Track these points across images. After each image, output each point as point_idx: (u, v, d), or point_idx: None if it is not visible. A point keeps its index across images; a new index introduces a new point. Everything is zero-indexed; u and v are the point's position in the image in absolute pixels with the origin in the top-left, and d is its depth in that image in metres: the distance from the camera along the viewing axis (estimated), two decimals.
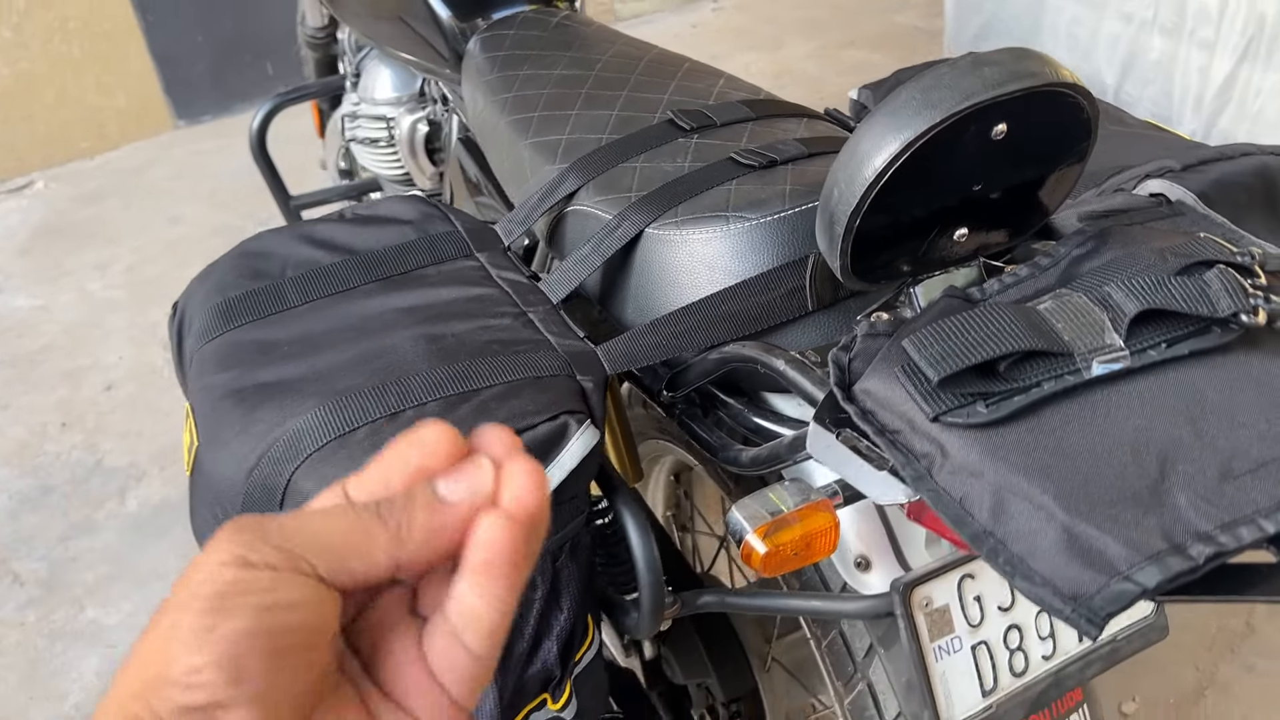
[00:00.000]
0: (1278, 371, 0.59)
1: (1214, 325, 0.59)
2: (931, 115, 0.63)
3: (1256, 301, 0.59)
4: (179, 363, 0.96)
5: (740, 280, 0.83)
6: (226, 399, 0.80)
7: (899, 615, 0.73)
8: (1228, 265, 0.62)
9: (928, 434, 0.59)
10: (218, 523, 0.78)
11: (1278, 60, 1.80)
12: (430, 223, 0.97)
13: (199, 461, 0.80)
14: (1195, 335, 0.59)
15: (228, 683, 0.29)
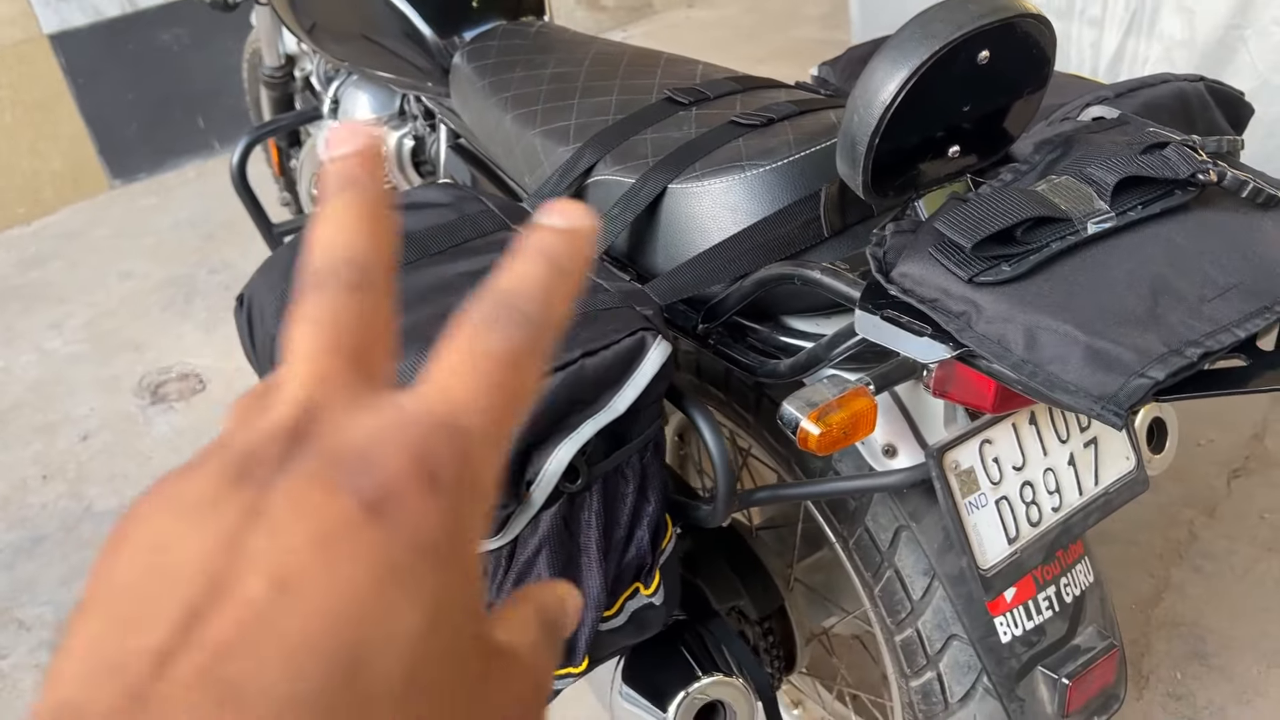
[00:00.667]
0: (1227, 220, 0.74)
1: (1176, 188, 0.74)
2: (932, 44, 0.77)
3: (1207, 165, 0.74)
4: (252, 345, 1.05)
5: (762, 217, 0.96)
6: None
7: (935, 477, 0.86)
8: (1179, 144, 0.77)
9: (962, 296, 0.72)
10: None
11: (1159, 31, 2.01)
12: (465, 203, 1.08)
13: None
14: (1163, 197, 0.74)
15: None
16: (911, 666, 1.07)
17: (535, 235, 0.27)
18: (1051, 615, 0.97)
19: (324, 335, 0.25)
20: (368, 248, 0.26)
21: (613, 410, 0.81)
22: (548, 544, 0.83)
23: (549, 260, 0.27)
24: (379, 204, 0.27)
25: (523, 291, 0.26)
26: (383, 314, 0.26)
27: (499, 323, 0.25)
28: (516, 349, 0.25)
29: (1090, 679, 0.96)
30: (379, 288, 0.26)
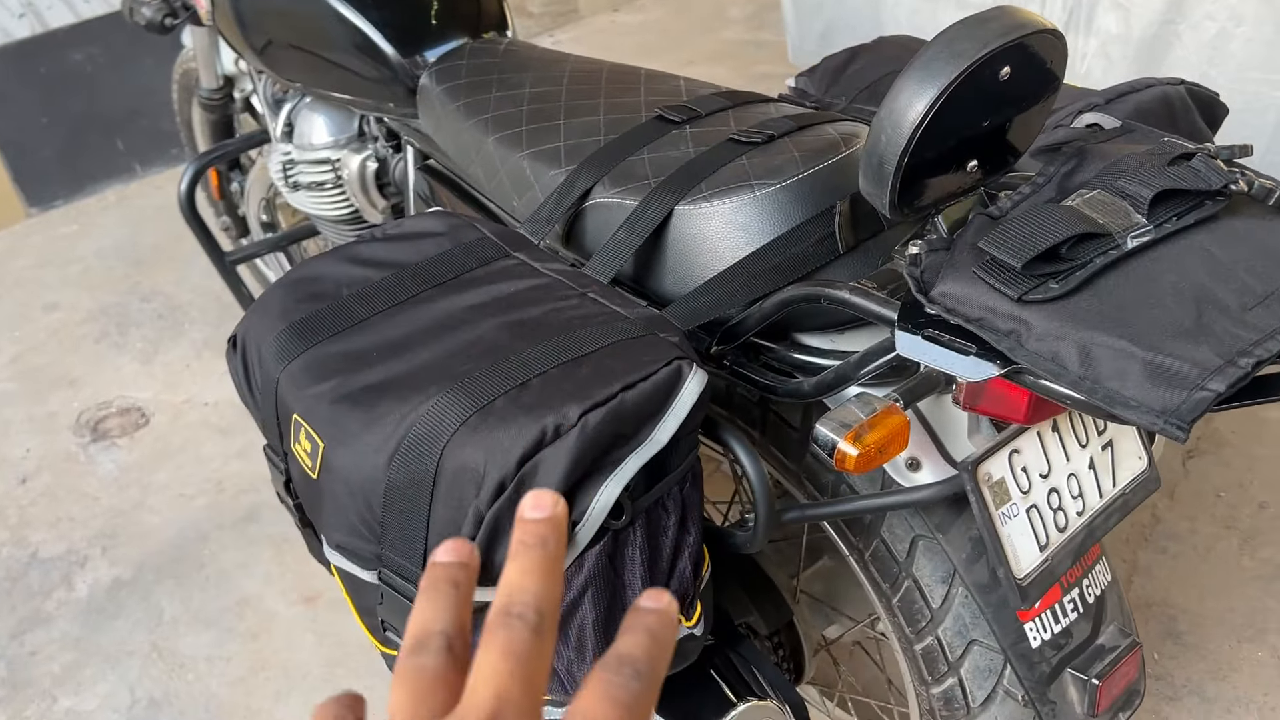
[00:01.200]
0: (1255, 227, 0.76)
1: (1207, 199, 0.75)
2: (959, 63, 0.77)
3: (1235, 175, 0.75)
4: (249, 388, 1.01)
5: (775, 236, 0.95)
6: (340, 403, 0.87)
7: (969, 490, 0.87)
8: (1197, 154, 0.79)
9: (1009, 314, 0.73)
10: (357, 515, 0.85)
11: (1095, 27, 2.06)
12: (460, 232, 1.06)
13: (327, 461, 0.86)
14: (1195, 208, 0.75)
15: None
16: (932, 674, 1.08)
17: (638, 616, 0.37)
18: (1077, 617, 0.98)
19: (512, 665, 0.34)
20: (553, 596, 0.37)
21: (655, 443, 0.80)
22: (593, 584, 0.81)
23: (651, 636, 0.36)
24: (561, 558, 0.38)
25: (639, 657, 0.35)
26: (550, 651, 0.36)
27: (626, 681, 0.34)
28: (637, 700, 0.34)
29: (1117, 677, 0.97)
30: (553, 630, 0.36)
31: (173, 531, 2.09)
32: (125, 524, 2.12)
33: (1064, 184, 0.85)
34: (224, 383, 2.45)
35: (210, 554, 2.03)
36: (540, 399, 0.79)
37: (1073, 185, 0.84)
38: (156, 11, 1.75)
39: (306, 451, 0.89)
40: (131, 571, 2.01)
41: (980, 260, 0.74)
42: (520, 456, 0.76)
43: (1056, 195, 0.85)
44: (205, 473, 2.22)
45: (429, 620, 0.37)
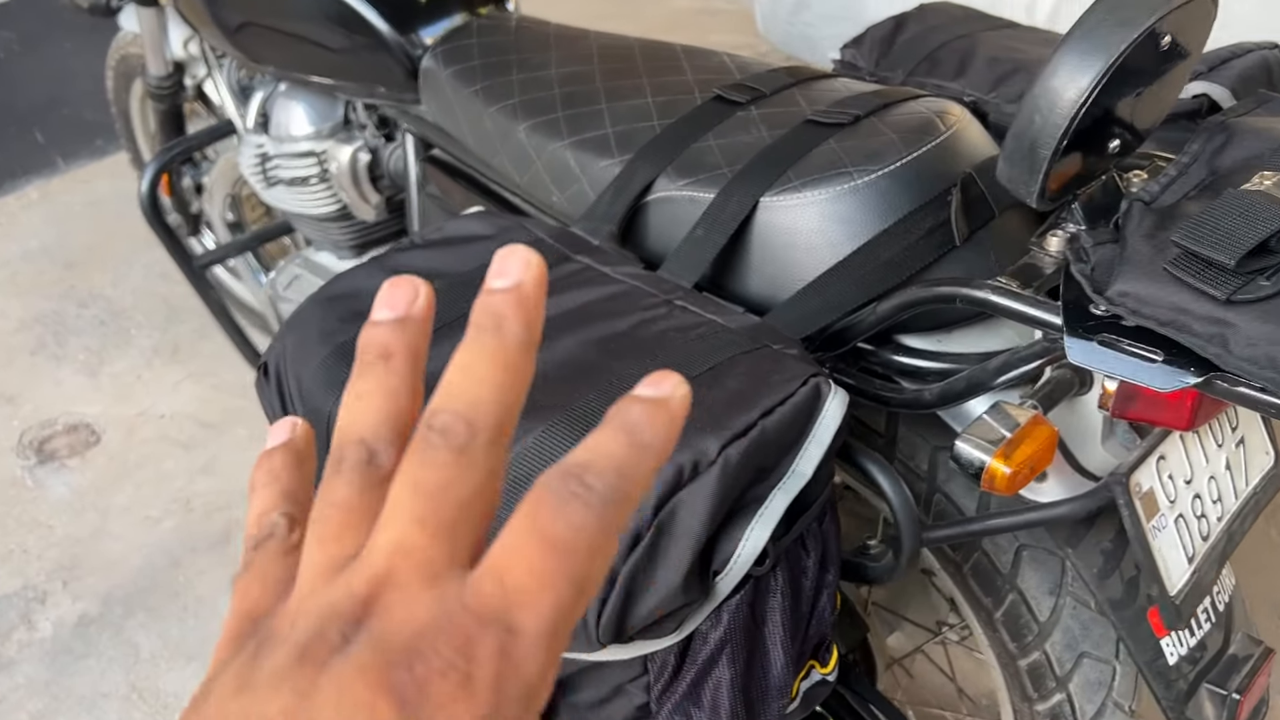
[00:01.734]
0: None
1: None
2: (1127, 32, 0.68)
3: None
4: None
5: (882, 229, 0.86)
6: None
7: (1123, 504, 0.79)
8: None
9: (1208, 316, 0.64)
10: None
11: None
12: (510, 234, 0.95)
13: None
14: None
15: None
16: (1038, 690, 1.01)
17: (621, 405, 0.26)
18: (1210, 628, 0.92)
19: (420, 504, 0.25)
20: (501, 403, 0.26)
21: (800, 475, 0.70)
22: (732, 639, 0.71)
23: (630, 434, 0.26)
24: (528, 346, 0.27)
25: (596, 467, 0.25)
26: (489, 479, 0.26)
27: (566, 503, 0.24)
28: (583, 532, 0.24)
29: (1255, 689, 0.91)
30: (494, 453, 0.26)
31: (140, 558, 1.93)
32: (85, 553, 1.95)
33: (1214, 163, 0.77)
34: (181, 393, 2.28)
35: (185, 580, 1.88)
36: None
37: (1227, 165, 0.76)
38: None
39: None
40: (98, 605, 1.85)
41: (1173, 256, 0.65)
42: (656, 501, 0.66)
43: (1208, 176, 0.77)
44: (170, 492, 2.06)
45: (350, 422, 0.28)
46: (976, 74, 1.09)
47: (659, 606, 0.67)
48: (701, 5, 3.69)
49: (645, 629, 0.68)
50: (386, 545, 0.25)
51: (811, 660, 0.79)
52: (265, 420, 2.14)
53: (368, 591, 0.25)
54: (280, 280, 1.61)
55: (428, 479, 0.25)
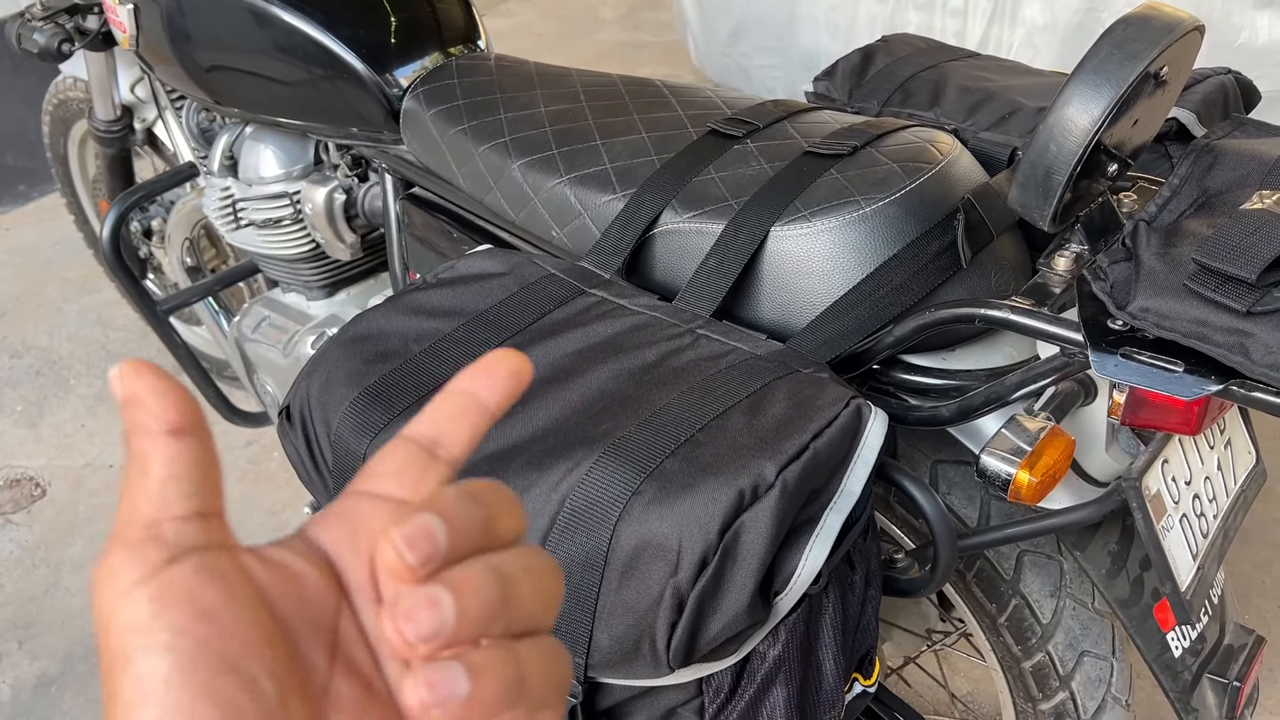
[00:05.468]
0: None
1: None
2: (1135, 64, 0.73)
3: None
4: (313, 465, 0.89)
5: (892, 254, 0.89)
6: (464, 477, 0.76)
7: (1135, 506, 0.83)
8: None
9: (1227, 328, 0.69)
10: None
11: (1021, 17, 2.10)
12: (524, 270, 0.96)
13: None
14: None
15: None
16: (1043, 690, 1.05)
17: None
18: (1208, 620, 0.97)
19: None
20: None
21: (850, 494, 0.73)
22: (788, 658, 0.73)
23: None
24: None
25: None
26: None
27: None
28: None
29: (1251, 676, 0.96)
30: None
31: None
32: (40, 611, 1.88)
33: (1204, 183, 0.83)
34: None
35: None
36: (719, 457, 0.71)
37: (1217, 185, 0.82)
38: (52, 37, 1.55)
39: None
40: (58, 665, 1.79)
41: (1192, 272, 0.70)
42: (721, 526, 0.68)
43: (1200, 196, 0.82)
44: None
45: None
46: (950, 103, 1.14)
47: (726, 629, 0.69)
48: (628, 38, 3.74)
49: (709, 651, 0.70)
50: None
51: (855, 673, 0.81)
52: (221, 464, 2.08)
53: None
54: (246, 323, 1.59)
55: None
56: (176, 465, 0.28)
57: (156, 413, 0.28)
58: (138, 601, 0.26)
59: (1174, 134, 1.03)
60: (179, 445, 0.28)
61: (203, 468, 0.28)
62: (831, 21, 2.37)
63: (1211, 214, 0.78)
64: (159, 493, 0.28)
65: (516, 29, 3.93)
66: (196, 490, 0.28)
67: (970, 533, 0.90)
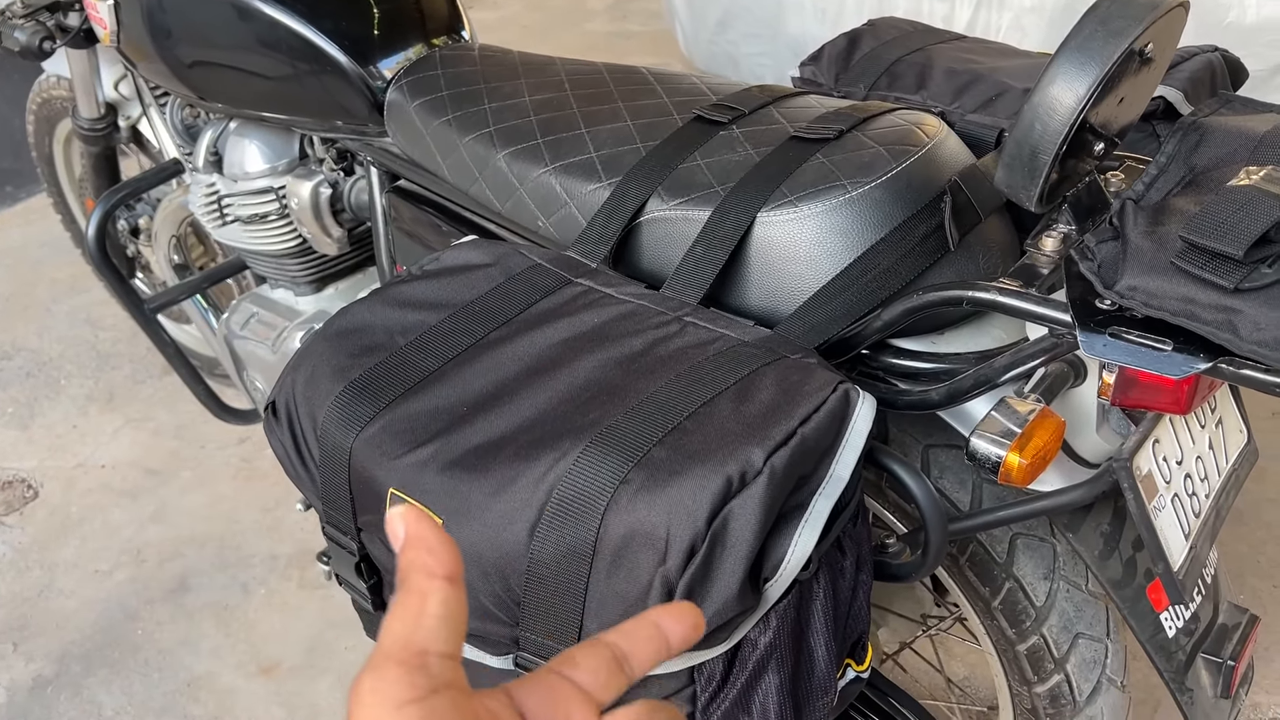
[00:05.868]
0: None
1: None
2: (1120, 42, 0.73)
3: None
4: (299, 459, 0.88)
5: (879, 238, 0.89)
6: (452, 469, 0.76)
7: (1127, 487, 0.83)
8: None
9: (1214, 305, 0.68)
10: (490, 596, 0.74)
11: (1010, 1, 2.09)
12: (509, 260, 0.95)
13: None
14: None
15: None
16: (1038, 673, 1.05)
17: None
18: (1201, 600, 0.97)
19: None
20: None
21: (839, 479, 0.72)
22: (779, 644, 0.73)
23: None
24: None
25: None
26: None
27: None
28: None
29: (1245, 655, 0.96)
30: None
31: (94, 614, 1.87)
32: (34, 613, 1.88)
33: (1191, 161, 0.82)
34: (120, 440, 2.22)
35: (144, 633, 1.82)
36: (707, 444, 0.71)
37: (1204, 162, 0.81)
38: (33, 35, 1.54)
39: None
40: (53, 666, 1.78)
41: (1179, 250, 0.70)
42: (709, 513, 0.67)
43: (1188, 173, 0.82)
44: (119, 543, 1.99)
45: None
46: (936, 86, 1.13)
47: (715, 617, 0.68)
48: (616, 29, 3.73)
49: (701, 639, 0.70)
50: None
51: (848, 659, 0.81)
52: (213, 461, 2.08)
53: None
54: (235, 320, 1.58)
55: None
56: (449, 607, 0.33)
57: (441, 559, 0.34)
58: (409, 718, 0.30)
59: (1161, 112, 1.02)
60: (453, 591, 0.33)
61: (463, 614, 0.34)
62: (819, 7, 2.36)
63: (1199, 191, 0.78)
64: (433, 628, 0.33)
65: (504, 20, 3.92)
66: (457, 633, 0.33)
67: (961, 516, 0.90)
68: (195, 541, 1.99)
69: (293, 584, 1.89)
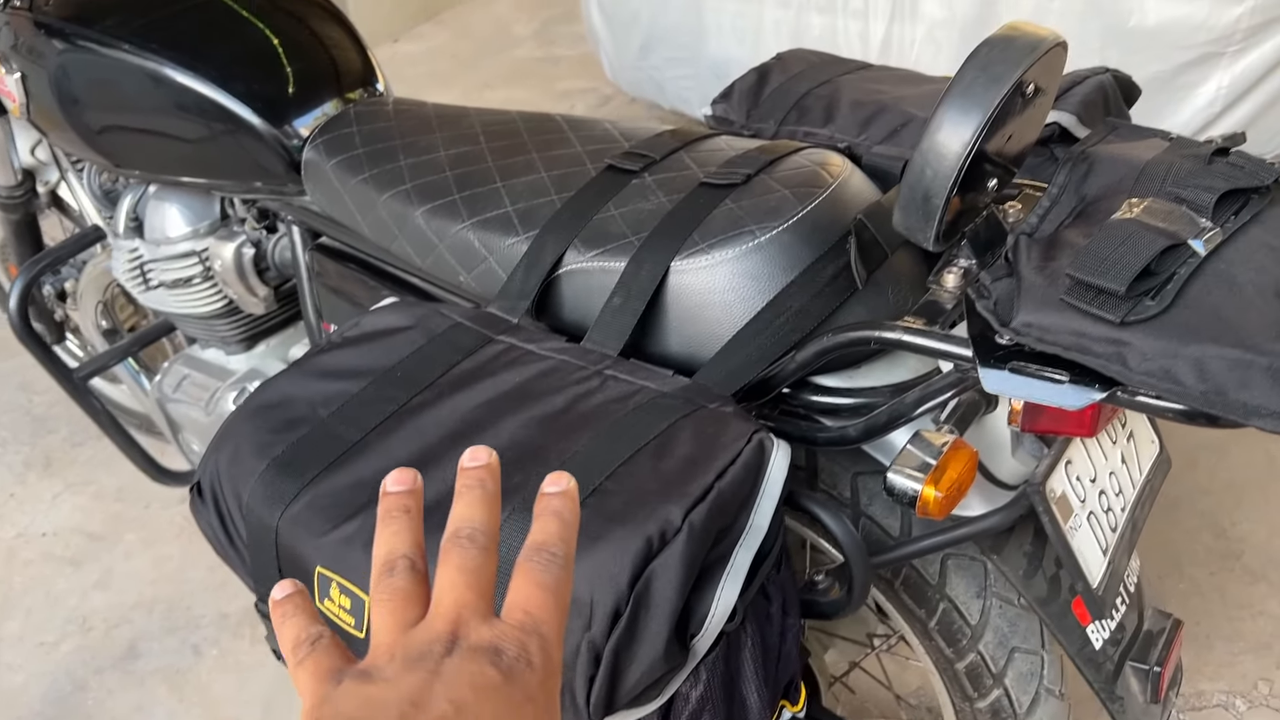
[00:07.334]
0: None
1: (1254, 193, 0.76)
2: (1000, 86, 0.75)
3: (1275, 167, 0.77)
4: (227, 539, 0.88)
5: (790, 280, 0.91)
6: None
7: (1041, 511, 0.85)
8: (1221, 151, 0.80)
9: (1104, 338, 0.71)
10: None
11: (921, 13, 2.13)
12: (430, 321, 0.96)
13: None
14: (1247, 205, 0.76)
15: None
16: (977, 689, 1.07)
17: (544, 500, 0.45)
18: (1125, 609, 0.99)
19: (466, 579, 0.42)
20: (491, 523, 0.44)
21: (758, 529, 0.74)
22: (711, 696, 0.74)
23: (559, 517, 0.45)
24: (497, 496, 0.46)
25: (551, 542, 0.44)
26: (494, 565, 0.43)
27: (544, 565, 0.43)
28: (557, 579, 0.43)
29: (1171, 659, 0.99)
30: (494, 548, 0.44)
31: (42, 687, 1.83)
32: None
33: (1081, 191, 0.85)
34: (60, 506, 2.18)
35: (96, 702, 1.79)
36: (627, 505, 0.72)
37: (1094, 192, 0.84)
38: None
39: (345, 608, 0.77)
40: None
41: (1068, 287, 0.72)
42: (631, 576, 0.68)
43: (1079, 204, 0.84)
44: (64, 613, 1.96)
45: (393, 546, 0.44)
46: (843, 119, 1.16)
47: (644, 677, 0.69)
48: (544, 53, 3.74)
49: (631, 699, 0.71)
50: (452, 603, 0.41)
51: (783, 700, 0.82)
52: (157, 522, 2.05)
53: (449, 629, 0.40)
54: (167, 383, 1.57)
55: (467, 564, 0.42)
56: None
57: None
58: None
59: (1058, 137, 1.05)
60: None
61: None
62: (738, 29, 2.38)
63: (1088, 222, 0.81)
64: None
65: (431, 52, 3.92)
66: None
67: (886, 548, 0.92)
68: (143, 605, 1.96)
69: (245, 641, 1.87)
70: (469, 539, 0.43)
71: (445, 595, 0.41)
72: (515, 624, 0.40)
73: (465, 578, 0.42)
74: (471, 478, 0.46)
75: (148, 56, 1.30)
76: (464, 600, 0.41)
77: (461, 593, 0.41)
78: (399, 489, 0.46)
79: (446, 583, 0.42)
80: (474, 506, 0.44)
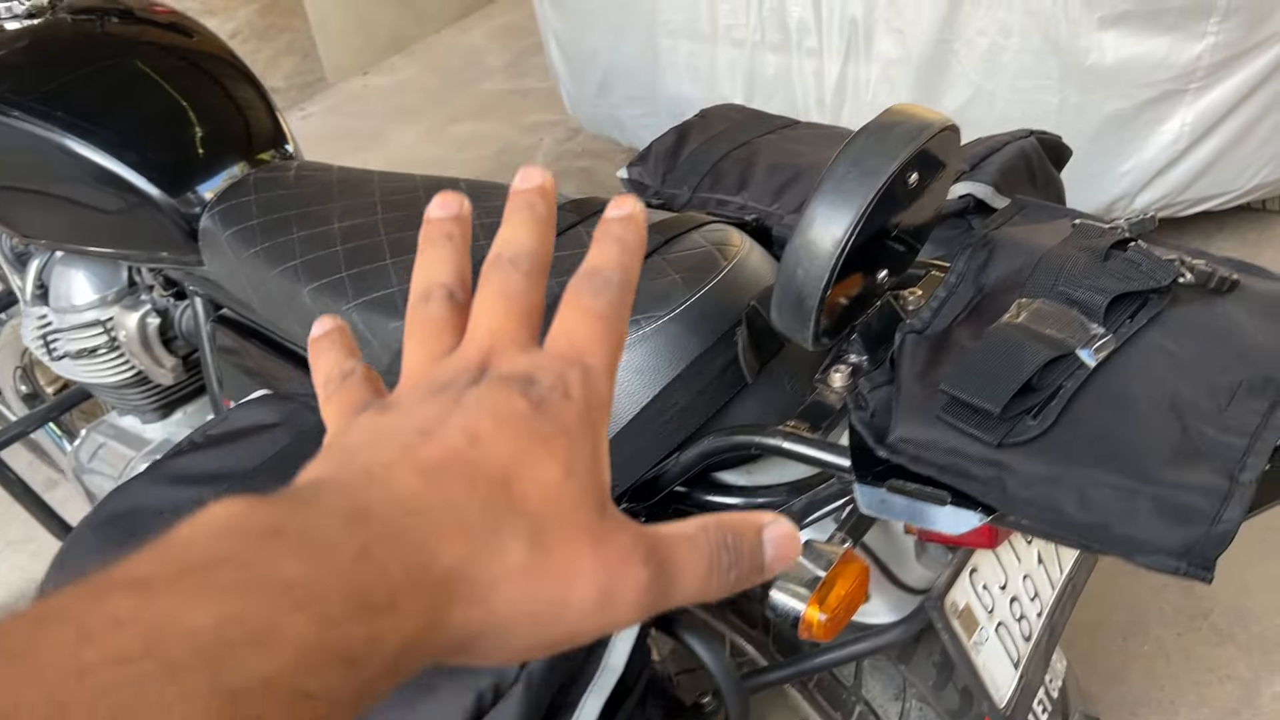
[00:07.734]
0: (1199, 314, 0.71)
1: (1152, 294, 0.70)
2: (873, 181, 0.69)
3: (1175, 263, 0.71)
4: None
5: (675, 375, 0.85)
6: None
7: (941, 628, 0.79)
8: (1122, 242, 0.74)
9: (984, 459, 0.65)
10: None
11: (875, 52, 2.08)
12: (298, 417, 0.90)
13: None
14: (1144, 306, 0.70)
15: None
16: None
17: (605, 225, 0.38)
18: (1046, 717, 0.93)
19: (505, 303, 0.36)
20: (540, 249, 0.38)
21: (612, 670, 0.68)
22: None
23: (620, 241, 0.38)
24: (550, 221, 0.39)
25: (608, 266, 0.37)
26: (541, 294, 0.38)
27: (596, 290, 0.36)
28: (610, 304, 0.36)
29: None
30: (541, 276, 0.38)
31: None
32: None
33: (980, 281, 0.79)
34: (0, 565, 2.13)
35: None
36: None
37: (992, 283, 0.78)
38: None
39: None
40: None
41: (944, 404, 0.66)
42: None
43: (976, 295, 0.78)
44: None
45: (431, 273, 0.39)
46: (758, 186, 1.10)
47: None
48: (513, 86, 3.70)
49: None
50: (486, 330, 0.36)
51: None
52: None
53: (479, 358, 0.35)
54: (84, 451, 1.51)
55: (508, 288, 0.37)
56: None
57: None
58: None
59: (974, 208, 0.99)
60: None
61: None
62: (693, 68, 2.33)
63: (981, 319, 0.75)
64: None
65: (401, 85, 3.87)
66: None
67: (767, 669, 0.86)
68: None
69: None
70: (511, 262, 0.37)
71: (480, 321, 0.36)
72: (556, 353, 0.35)
73: (504, 303, 0.36)
74: (521, 200, 0.40)
75: (46, 126, 1.25)
76: (501, 327, 0.36)
77: (499, 319, 0.36)
78: (443, 214, 0.41)
79: (483, 308, 0.37)
80: (520, 229, 0.38)
